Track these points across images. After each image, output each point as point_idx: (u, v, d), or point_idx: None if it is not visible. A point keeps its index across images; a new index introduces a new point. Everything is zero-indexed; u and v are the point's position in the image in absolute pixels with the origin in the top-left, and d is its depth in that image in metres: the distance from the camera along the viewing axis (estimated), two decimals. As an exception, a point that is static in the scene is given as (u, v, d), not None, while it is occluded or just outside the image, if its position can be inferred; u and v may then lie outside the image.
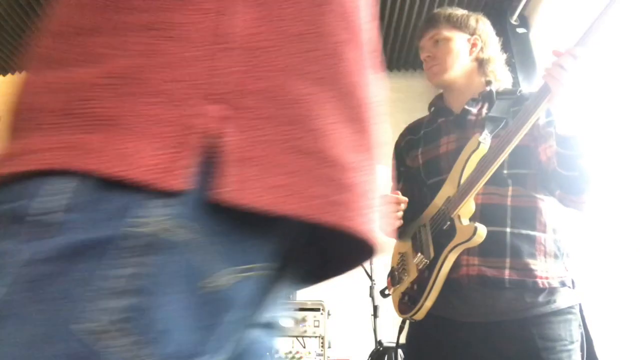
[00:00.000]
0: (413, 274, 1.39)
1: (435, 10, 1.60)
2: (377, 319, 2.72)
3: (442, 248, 1.30)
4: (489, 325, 1.27)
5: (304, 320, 2.51)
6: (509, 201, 1.30)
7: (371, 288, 2.77)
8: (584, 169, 1.20)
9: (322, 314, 2.52)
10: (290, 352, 2.48)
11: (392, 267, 1.53)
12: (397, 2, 3.29)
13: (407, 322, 1.43)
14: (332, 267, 0.59)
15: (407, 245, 1.48)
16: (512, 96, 1.44)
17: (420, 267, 1.36)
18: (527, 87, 2.98)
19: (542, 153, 1.32)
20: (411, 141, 1.59)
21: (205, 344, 0.39)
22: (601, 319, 2.56)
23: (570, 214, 1.35)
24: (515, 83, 2.98)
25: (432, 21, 1.53)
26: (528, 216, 1.30)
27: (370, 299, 2.81)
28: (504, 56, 1.58)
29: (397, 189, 1.64)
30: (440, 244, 1.32)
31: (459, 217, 1.28)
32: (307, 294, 3.22)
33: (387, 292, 1.57)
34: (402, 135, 1.65)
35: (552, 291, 1.25)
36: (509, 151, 1.21)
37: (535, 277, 1.24)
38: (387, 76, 4.10)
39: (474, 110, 1.44)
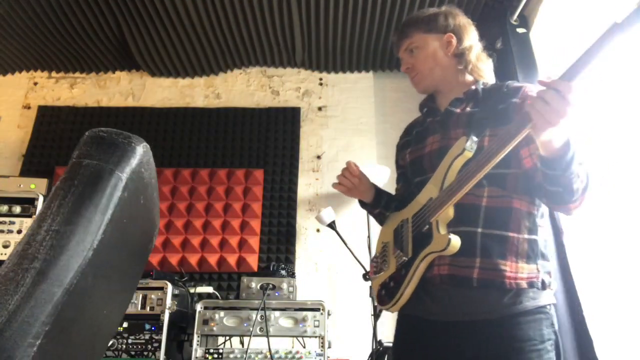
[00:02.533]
0: (392, 268, 1.42)
1: (404, 19, 1.61)
2: (377, 319, 2.72)
3: (419, 250, 1.32)
4: (458, 325, 1.28)
5: (304, 320, 2.50)
6: (484, 201, 1.30)
7: (371, 288, 2.77)
8: (568, 184, 1.18)
9: (322, 314, 2.52)
10: (290, 352, 2.48)
11: (375, 255, 1.57)
12: (397, 1, 3.29)
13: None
14: None
15: (390, 236, 1.50)
16: (498, 93, 1.41)
17: (398, 263, 1.39)
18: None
19: (526, 157, 1.31)
20: (406, 142, 1.62)
21: None
22: (601, 318, 2.55)
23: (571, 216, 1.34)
24: (512, 76, 2.98)
25: (403, 32, 1.55)
26: (502, 217, 1.29)
27: (370, 299, 2.81)
28: (481, 44, 1.55)
29: (397, 190, 1.65)
30: (418, 244, 1.34)
31: (437, 222, 1.29)
32: (307, 294, 3.23)
33: (368, 276, 1.65)
34: (401, 137, 1.68)
35: (518, 292, 1.25)
36: (488, 170, 1.19)
37: (504, 277, 1.24)
38: (387, 76, 4.10)
39: (457, 110, 1.44)
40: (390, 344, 2.45)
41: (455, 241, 1.23)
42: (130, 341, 2.44)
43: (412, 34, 1.52)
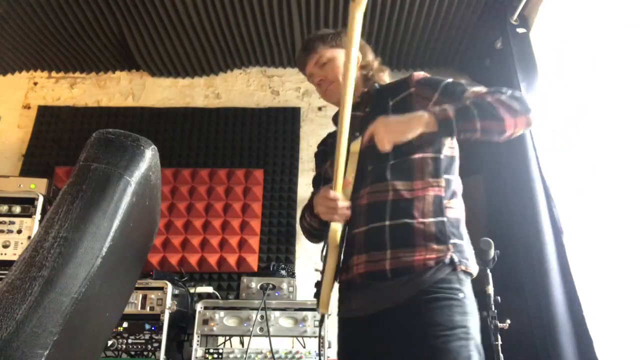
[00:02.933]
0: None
1: (308, 38, 1.68)
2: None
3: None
4: (376, 317, 1.32)
5: (304, 320, 2.50)
6: (390, 196, 1.36)
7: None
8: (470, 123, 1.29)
9: (322, 314, 2.52)
10: (290, 352, 2.48)
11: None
12: (397, 1, 3.29)
13: None
14: None
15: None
16: (390, 89, 1.53)
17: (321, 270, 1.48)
18: (527, 87, 2.98)
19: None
20: (322, 152, 1.73)
21: None
22: (601, 318, 2.56)
23: (572, 215, 1.34)
24: (515, 84, 2.98)
25: (310, 47, 1.61)
26: (406, 206, 1.34)
27: (371, 299, 2.80)
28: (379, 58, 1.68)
29: (313, 194, 1.68)
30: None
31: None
32: (307, 294, 3.23)
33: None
34: (318, 145, 1.79)
35: (426, 271, 1.27)
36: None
37: (413, 262, 1.28)
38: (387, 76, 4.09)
39: (358, 113, 1.52)
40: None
41: (332, 226, 1.33)
42: (130, 341, 2.44)
43: (319, 49, 1.59)
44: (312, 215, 1.52)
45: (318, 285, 1.47)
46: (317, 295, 1.47)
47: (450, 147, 1.45)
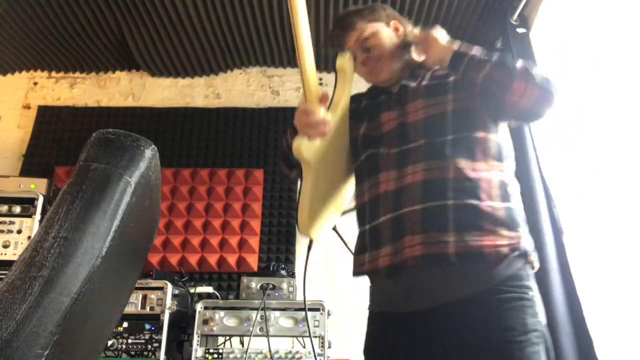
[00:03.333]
0: None
1: (342, 14, 1.55)
2: (377, 319, 2.72)
3: None
4: (437, 309, 1.17)
5: (304, 320, 2.50)
6: (451, 174, 1.23)
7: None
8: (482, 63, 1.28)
9: (322, 314, 2.52)
10: (290, 352, 2.48)
11: None
12: (397, 2, 3.29)
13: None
14: None
15: None
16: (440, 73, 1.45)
17: None
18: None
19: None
20: (355, 110, 1.54)
21: None
22: (601, 318, 2.56)
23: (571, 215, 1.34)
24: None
25: (347, 24, 1.48)
26: (472, 187, 1.21)
27: (371, 299, 2.80)
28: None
29: None
30: None
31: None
32: (307, 294, 3.22)
33: None
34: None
35: (498, 259, 1.16)
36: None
37: (482, 246, 1.15)
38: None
39: (413, 84, 1.43)
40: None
41: (294, 144, 1.28)
42: (130, 341, 2.44)
43: (358, 25, 1.45)
44: (294, 132, 1.37)
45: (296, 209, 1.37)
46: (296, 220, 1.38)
47: (507, 136, 1.37)
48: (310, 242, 1.48)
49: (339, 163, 1.52)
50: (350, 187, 1.61)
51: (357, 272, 1.43)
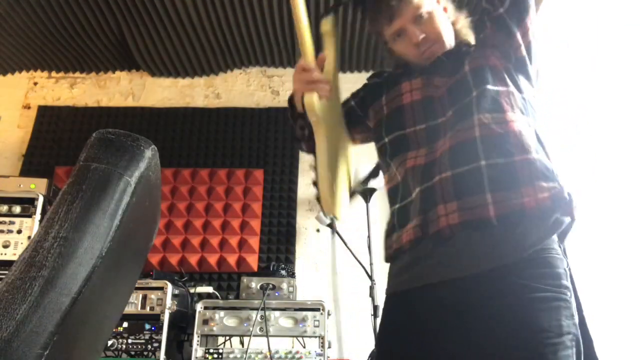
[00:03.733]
0: None
1: None
2: (377, 319, 2.72)
3: None
4: (479, 277, 1.08)
5: (304, 320, 2.51)
6: (477, 132, 1.16)
7: (371, 288, 2.77)
8: None
9: (322, 314, 2.52)
10: (290, 352, 2.48)
11: None
12: (397, 2, 3.29)
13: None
14: None
15: None
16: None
17: None
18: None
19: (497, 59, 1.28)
20: (377, 85, 1.49)
21: None
22: (601, 319, 2.56)
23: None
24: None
25: None
26: (501, 142, 1.14)
27: (370, 299, 2.81)
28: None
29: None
30: None
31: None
32: (307, 294, 3.23)
33: None
34: (371, 77, 1.60)
35: (543, 213, 1.09)
36: None
37: (522, 203, 1.08)
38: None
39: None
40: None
41: (305, 99, 1.16)
42: (130, 341, 2.44)
43: (414, 1, 1.30)
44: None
45: (316, 184, 1.25)
46: (318, 197, 1.25)
47: (533, 96, 1.29)
48: (332, 226, 1.39)
49: (339, 130, 1.46)
50: (351, 157, 1.53)
51: (387, 257, 1.31)
